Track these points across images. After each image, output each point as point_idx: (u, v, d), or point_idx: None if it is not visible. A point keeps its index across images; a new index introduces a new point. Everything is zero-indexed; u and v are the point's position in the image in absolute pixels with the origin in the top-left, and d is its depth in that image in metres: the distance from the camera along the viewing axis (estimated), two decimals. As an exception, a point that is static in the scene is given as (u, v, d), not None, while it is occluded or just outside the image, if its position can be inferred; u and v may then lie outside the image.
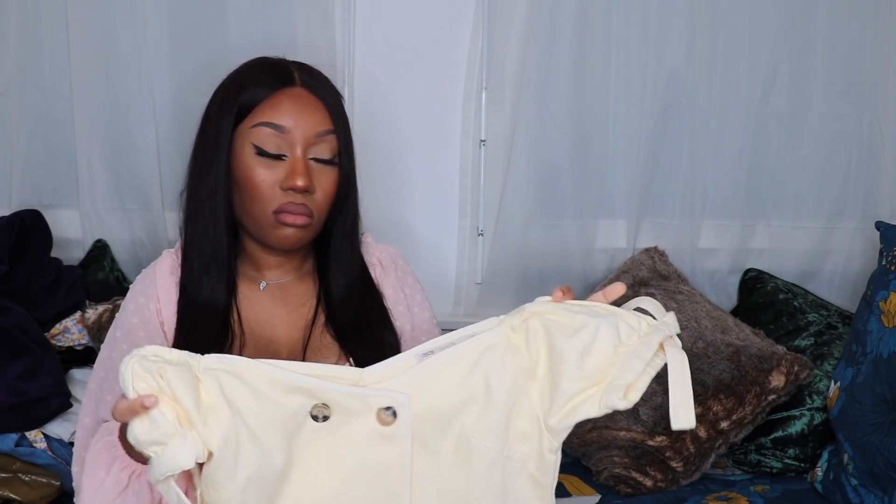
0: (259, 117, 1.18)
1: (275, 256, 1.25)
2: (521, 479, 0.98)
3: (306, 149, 1.18)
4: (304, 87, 1.21)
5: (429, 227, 2.08)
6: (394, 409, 0.96)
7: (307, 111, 1.19)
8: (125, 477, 1.08)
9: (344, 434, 0.96)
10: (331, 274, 1.26)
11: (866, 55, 2.07)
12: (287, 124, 1.17)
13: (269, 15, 1.94)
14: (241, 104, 1.19)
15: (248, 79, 1.21)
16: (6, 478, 1.62)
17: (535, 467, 0.98)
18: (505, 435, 0.97)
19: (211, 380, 0.94)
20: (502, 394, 0.97)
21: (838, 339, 1.95)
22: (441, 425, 0.97)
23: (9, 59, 1.92)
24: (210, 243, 1.20)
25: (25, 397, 1.64)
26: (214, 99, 1.23)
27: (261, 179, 1.17)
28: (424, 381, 0.97)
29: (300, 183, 1.16)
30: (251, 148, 1.18)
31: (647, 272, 2.04)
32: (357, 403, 0.96)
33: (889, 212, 2.09)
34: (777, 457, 1.88)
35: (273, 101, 1.19)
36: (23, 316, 1.71)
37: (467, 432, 0.97)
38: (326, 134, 1.20)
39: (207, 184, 1.20)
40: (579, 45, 2.02)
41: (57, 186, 2.01)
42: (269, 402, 0.95)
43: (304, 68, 1.24)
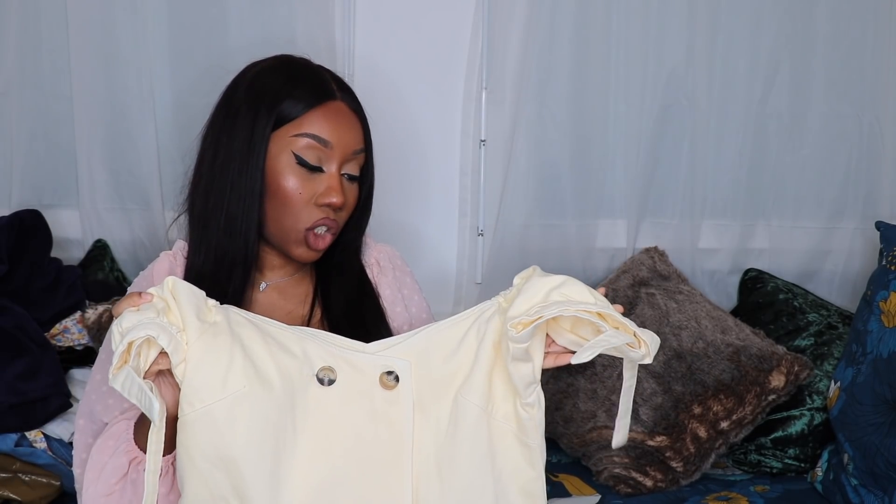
0: (302, 128, 1.17)
1: (279, 258, 1.25)
2: (508, 441, 1.02)
3: (342, 165, 1.19)
4: (343, 102, 1.22)
5: (429, 226, 2.08)
6: (396, 373, 1.01)
7: (347, 127, 1.20)
8: (125, 462, 1.07)
9: (348, 398, 1.00)
10: (331, 281, 1.27)
11: (866, 55, 2.07)
12: (331, 139, 1.18)
13: (270, 15, 1.94)
14: (280, 111, 1.18)
15: (286, 85, 1.19)
16: (6, 478, 1.62)
17: (516, 427, 1.02)
18: (487, 392, 1.01)
19: (220, 311, 1.00)
20: (485, 352, 1.01)
21: (838, 339, 1.95)
22: (438, 391, 1.01)
23: (9, 59, 1.92)
24: (240, 247, 1.18)
25: (25, 397, 1.64)
26: (241, 97, 1.20)
27: (297, 191, 1.17)
28: (423, 348, 1.03)
29: (337, 200, 1.17)
30: (290, 157, 1.17)
31: (647, 272, 2.05)
32: (362, 366, 1.00)
33: (889, 212, 2.09)
34: (777, 457, 1.88)
35: (317, 114, 1.18)
36: (23, 316, 1.71)
37: (458, 394, 1.01)
38: (360, 152, 1.22)
39: (242, 184, 1.17)
40: (579, 45, 2.02)
41: (57, 186, 2.00)
42: (277, 347, 0.99)
43: (337, 79, 1.25)
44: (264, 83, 1.20)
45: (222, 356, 0.97)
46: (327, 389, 0.99)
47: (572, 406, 1.90)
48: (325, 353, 1.01)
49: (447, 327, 1.04)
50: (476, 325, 1.03)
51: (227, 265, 1.18)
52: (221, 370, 0.97)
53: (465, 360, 1.02)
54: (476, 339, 1.02)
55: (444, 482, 1.01)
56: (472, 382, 1.01)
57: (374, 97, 1.99)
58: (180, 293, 0.97)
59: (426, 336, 1.04)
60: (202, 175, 1.21)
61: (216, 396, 0.96)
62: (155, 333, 0.92)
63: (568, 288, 1.00)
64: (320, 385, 0.99)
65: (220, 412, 0.96)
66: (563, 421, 1.90)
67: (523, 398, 1.01)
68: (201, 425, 0.96)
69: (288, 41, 1.93)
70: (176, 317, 0.96)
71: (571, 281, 1.01)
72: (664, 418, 1.81)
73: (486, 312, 1.04)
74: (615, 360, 1.92)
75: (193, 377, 0.96)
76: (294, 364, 0.99)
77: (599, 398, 1.88)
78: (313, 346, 1.01)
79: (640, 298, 1.98)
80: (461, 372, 1.02)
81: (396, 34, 2.01)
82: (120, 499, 1.07)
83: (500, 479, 1.02)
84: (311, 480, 0.97)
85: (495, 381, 1.02)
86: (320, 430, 0.99)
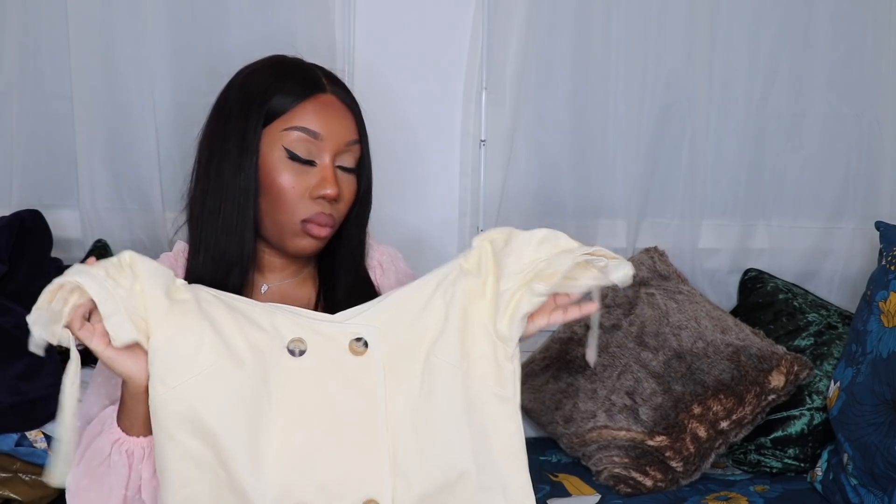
0: (292, 121, 1.17)
1: (280, 259, 1.25)
2: (486, 398, 1.04)
3: (335, 157, 1.19)
4: (333, 95, 1.22)
5: (429, 226, 2.08)
6: (364, 339, 1.03)
7: (338, 119, 1.20)
8: (108, 444, 1.06)
9: (320, 367, 1.02)
10: (336, 279, 1.26)
11: (866, 56, 2.07)
12: (321, 131, 1.17)
13: (270, 15, 1.94)
14: (270, 107, 1.18)
15: (275, 82, 1.20)
16: (6, 478, 1.62)
17: (495, 383, 1.04)
18: (461, 351, 1.03)
19: (188, 289, 1.02)
20: (456, 312, 1.04)
21: (838, 339, 1.95)
22: (408, 354, 1.04)
23: (9, 59, 1.92)
24: (236, 246, 1.18)
25: (25, 397, 1.64)
26: (233, 98, 1.21)
27: (290, 185, 1.16)
28: (389, 314, 1.05)
29: (331, 191, 1.16)
30: (282, 152, 1.17)
31: (647, 272, 2.05)
32: (331, 335, 1.03)
33: (889, 212, 2.09)
34: (777, 457, 1.88)
35: (306, 107, 1.18)
36: (23, 316, 1.68)
37: (430, 354, 1.03)
38: (354, 143, 1.21)
39: (236, 184, 1.17)
40: (579, 46, 2.02)
41: (57, 186, 2.00)
42: (247, 322, 1.02)
43: (328, 74, 1.25)
44: (254, 82, 1.21)
45: (192, 333, 0.99)
46: (299, 360, 1.02)
47: (572, 406, 1.90)
48: (295, 325, 1.03)
49: (411, 293, 1.06)
50: (441, 289, 1.05)
51: (224, 266, 1.18)
52: (192, 347, 0.99)
53: (433, 322, 1.04)
54: (443, 302, 1.05)
55: (422, 441, 1.03)
56: (445, 343, 1.04)
57: (374, 97, 2.00)
58: (141, 269, 0.98)
59: (390, 303, 1.06)
60: (199, 178, 1.22)
61: (190, 373, 0.98)
62: (84, 281, 0.94)
63: (553, 240, 1.04)
64: (292, 356, 1.02)
65: (194, 388, 0.98)
66: (563, 421, 1.91)
67: (508, 350, 1.04)
68: (176, 403, 0.98)
69: (288, 41, 1.92)
70: (140, 290, 0.98)
71: (552, 233, 1.04)
72: (664, 418, 1.81)
73: (450, 276, 1.06)
74: (615, 360, 1.92)
75: (165, 355, 0.98)
76: (264, 337, 1.02)
77: (599, 398, 1.88)
78: (282, 319, 1.03)
79: (640, 298, 1.98)
80: (429, 334, 1.04)
81: (396, 34, 2.01)
82: (102, 483, 1.06)
83: (479, 435, 1.04)
84: (289, 448, 0.99)
85: (470, 340, 1.04)
86: (295, 399, 1.01)
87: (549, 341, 2.05)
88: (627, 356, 1.91)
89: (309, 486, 0.99)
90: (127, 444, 1.05)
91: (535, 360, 2.04)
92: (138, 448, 1.06)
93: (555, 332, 2.05)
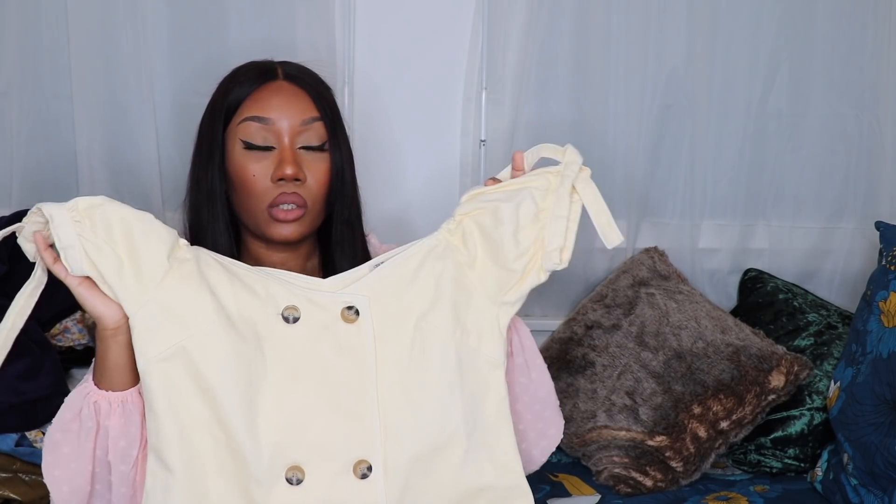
0: (244, 113, 1.20)
1: (278, 253, 1.25)
2: (479, 364, 1.10)
3: (293, 138, 1.20)
4: (286, 80, 1.23)
5: (429, 227, 2.05)
6: (356, 307, 1.08)
7: (290, 101, 1.21)
8: (80, 396, 1.07)
9: (313, 334, 1.06)
10: (336, 263, 1.26)
11: (866, 55, 2.07)
12: (271, 115, 1.19)
13: (270, 15, 1.94)
14: (227, 105, 1.21)
15: (233, 80, 1.23)
16: (6, 478, 1.62)
17: (489, 349, 1.10)
18: (454, 319, 1.09)
19: (191, 250, 1.07)
20: (447, 286, 1.10)
21: (838, 339, 1.95)
22: (397, 322, 1.08)
23: (9, 59, 1.92)
24: (212, 246, 1.20)
25: (25, 397, 1.64)
26: (207, 107, 1.25)
27: (252, 174, 1.18)
28: (379, 285, 1.09)
29: (289, 171, 1.17)
30: (240, 144, 1.19)
31: (647, 272, 2.05)
32: (324, 303, 1.07)
33: (889, 212, 2.09)
34: (777, 457, 1.88)
35: (256, 96, 1.21)
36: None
37: (421, 322, 1.08)
38: (312, 121, 1.21)
39: (204, 187, 1.21)
40: (579, 45, 2.02)
41: (57, 186, 2.00)
42: (242, 288, 1.06)
43: (288, 64, 1.26)
44: (218, 87, 1.25)
45: (191, 294, 1.03)
46: (293, 326, 1.06)
47: (572, 406, 1.90)
48: (289, 293, 1.07)
49: (398, 265, 1.11)
50: (429, 262, 1.11)
51: None
52: (192, 308, 1.03)
53: (423, 293, 1.09)
54: (432, 276, 1.10)
55: (414, 404, 1.07)
56: (438, 312, 1.09)
57: (374, 97, 2.01)
58: (137, 228, 1.03)
59: (379, 275, 1.10)
60: (188, 186, 1.26)
61: (189, 332, 1.02)
62: (48, 210, 1.01)
63: (532, 202, 1.11)
64: (286, 323, 1.06)
65: (195, 347, 1.02)
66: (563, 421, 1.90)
67: (506, 319, 1.11)
68: (178, 360, 1.01)
69: (288, 41, 1.93)
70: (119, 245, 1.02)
71: (528, 196, 1.11)
72: (664, 418, 1.81)
73: (437, 249, 1.12)
74: (615, 360, 1.92)
75: (166, 315, 1.02)
76: (259, 304, 1.06)
77: (599, 398, 1.88)
78: (276, 286, 1.07)
79: (640, 298, 1.98)
80: (418, 303, 1.09)
81: (397, 34, 2.01)
82: (74, 438, 1.06)
83: (470, 399, 1.08)
84: (283, 411, 1.03)
85: (464, 309, 1.10)
86: (289, 364, 1.05)
87: (549, 341, 2.05)
88: (627, 356, 1.91)
89: (301, 447, 1.03)
90: (94, 396, 1.06)
91: (535, 360, 2.04)
92: (104, 401, 1.05)
93: (555, 332, 2.05)
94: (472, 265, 1.11)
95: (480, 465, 1.08)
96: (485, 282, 1.11)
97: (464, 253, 1.12)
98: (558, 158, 1.13)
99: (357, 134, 1.99)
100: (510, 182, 1.12)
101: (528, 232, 1.10)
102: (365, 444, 1.05)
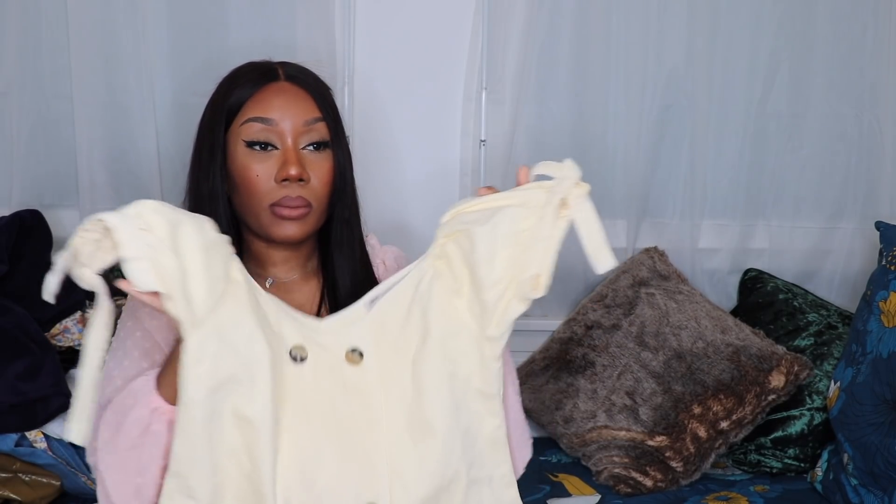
0: (247, 114, 1.19)
1: (280, 252, 1.25)
2: (470, 396, 1.07)
3: (297, 138, 1.19)
4: (288, 81, 1.23)
5: (429, 227, 2.06)
6: (359, 349, 1.07)
7: (293, 101, 1.21)
8: (147, 413, 1.04)
9: (320, 374, 1.05)
10: (335, 263, 1.26)
11: (866, 55, 2.07)
12: (274, 116, 1.19)
13: (270, 15, 1.94)
14: (229, 106, 1.20)
15: (233, 82, 1.23)
16: (6, 478, 1.62)
17: (480, 381, 1.07)
18: (443, 354, 1.06)
19: (240, 267, 1.02)
20: (436, 320, 1.07)
21: (838, 339, 1.95)
22: (398, 362, 1.07)
23: (9, 59, 1.92)
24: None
25: (25, 397, 1.64)
26: (207, 108, 1.24)
27: (255, 174, 1.18)
28: (378, 326, 1.08)
29: (293, 172, 1.17)
30: (243, 145, 1.19)
31: (647, 272, 2.05)
32: (329, 344, 1.06)
33: (889, 212, 2.09)
34: (777, 457, 1.88)
35: (259, 97, 1.20)
36: (23, 316, 1.71)
37: (416, 362, 1.07)
38: (315, 122, 1.21)
39: (205, 188, 1.21)
40: (579, 45, 2.02)
41: (57, 186, 2.00)
42: (264, 319, 1.03)
43: (288, 65, 1.26)
44: (217, 89, 1.24)
45: (243, 321, 1.00)
46: (300, 366, 1.04)
47: (572, 406, 1.90)
48: (295, 330, 1.05)
49: (392, 301, 1.09)
50: (418, 296, 1.08)
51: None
52: (244, 336, 1.00)
53: (415, 330, 1.07)
54: (421, 310, 1.07)
55: (417, 446, 1.06)
56: (428, 349, 1.07)
57: (375, 97, 2.01)
58: (195, 241, 0.96)
59: (377, 314, 1.09)
60: (188, 187, 1.25)
61: (240, 361, 0.99)
62: (110, 220, 0.97)
63: (509, 223, 1.03)
64: (293, 362, 1.04)
65: (245, 377, 0.99)
66: (563, 421, 1.91)
67: (496, 350, 1.07)
68: (228, 389, 0.99)
69: (288, 41, 1.93)
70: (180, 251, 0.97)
71: (504, 217, 1.03)
72: (664, 418, 1.81)
73: (424, 280, 1.08)
74: (615, 360, 1.92)
75: (221, 341, 0.99)
76: (274, 339, 1.03)
77: (599, 398, 1.88)
78: (287, 322, 1.05)
79: (640, 298, 1.98)
80: (413, 341, 1.07)
81: (396, 34, 2.01)
82: (140, 454, 1.04)
83: (466, 433, 1.07)
84: (298, 454, 1.02)
85: (452, 342, 1.07)
86: (300, 405, 1.03)
87: (549, 341, 2.05)
88: (627, 356, 1.91)
89: (313, 491, 1.02)
90: (169, 413, 1.03)
91: (535, 360, 2.04)
92: (173, 415, 1.03)
93: (555, 333, 2.06)
94: (460, 293, 1.07)
95: (482, 498, 1.08)
96: (473, 310, 1.07)
97: (451, 280, 1.07)
98: (555, 174, 1.02)
99: (357, 134, 1.99)
100: (495, 197, 1.04)
101: (504, 256, 1.02)
102: (373, 488, 1.04)
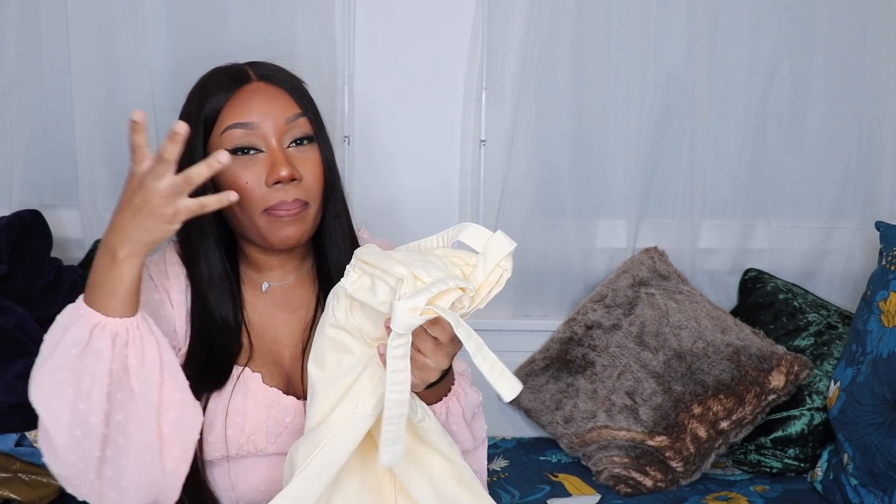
0: (225, 122, 1.17)
1: (275, 257, 1.25)
2: (421, 450, 1.06)
3: (280, 137, 1.17)
4: (261, 81, 1.21)
5: (429, 227, 2.07)
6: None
7: (270, 101, 1.19)
8: (86, 331, 1.01)
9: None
10: (330, 260, 1.25)
11: (866, 55, 2.07)
12: (254, 119, 1.16)
13: (269, 15, 1.94)
14: (205, 116, 1.18)
15: (205, 90, 1.20)
16: (6, 478, 1.62)
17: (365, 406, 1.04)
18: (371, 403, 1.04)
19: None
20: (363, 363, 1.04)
21: (838, 339, 1.95)
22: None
23: (9, 59, 1.92)
24: (205, 262, 1.20)
25: (25, 397, 1.63)
26: (180, 118, 1.21)
27: (244, 181, 1.15)
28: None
29: (284, 173, 1.15)
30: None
31: (647, 272, 2.05)
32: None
33: (889, 212, 2.09)
34: (777, 457, 1.88)
35: (234, 102, 1.18)
36: (23, 316, 1.71)
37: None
38: (296, 118, 1.19)
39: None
40: (579, 46, 2.02)
41: (57, 186, 2.00)
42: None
43: (258, 64, 1.24)
44: (188, 101, 1.21)
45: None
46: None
47: (572, 406, 1.90)
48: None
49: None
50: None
51: (207, 280, 1.20)
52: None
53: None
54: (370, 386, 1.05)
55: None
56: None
57: (375, 97, 2.01)
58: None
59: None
60: None
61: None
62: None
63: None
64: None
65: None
66: (563, 421, 1.91)
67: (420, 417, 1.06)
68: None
69: (288, 42, 1.93)
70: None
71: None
72: (664, 418, 1.81)
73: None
74: (615, 360, 1.92)
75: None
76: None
77: (599, 398, 1.88)
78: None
79: (640, 298, 1.98)
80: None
81: (396, 34, 2.01)
82: (81, 374, 1.01)
83: (431, 480, 1.06)
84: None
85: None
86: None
87: (549, 341, 2.05)
88: (627, 356, 1.91)
89: None
90: (110, 325, 1.00)
91: (535, 360, 2.04)
92: (122, 330, 1.01)
93: (555, 332, 2.06)
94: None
95: None
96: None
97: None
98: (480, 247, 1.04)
99: (357, 134, 2.00)
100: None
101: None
102: None
